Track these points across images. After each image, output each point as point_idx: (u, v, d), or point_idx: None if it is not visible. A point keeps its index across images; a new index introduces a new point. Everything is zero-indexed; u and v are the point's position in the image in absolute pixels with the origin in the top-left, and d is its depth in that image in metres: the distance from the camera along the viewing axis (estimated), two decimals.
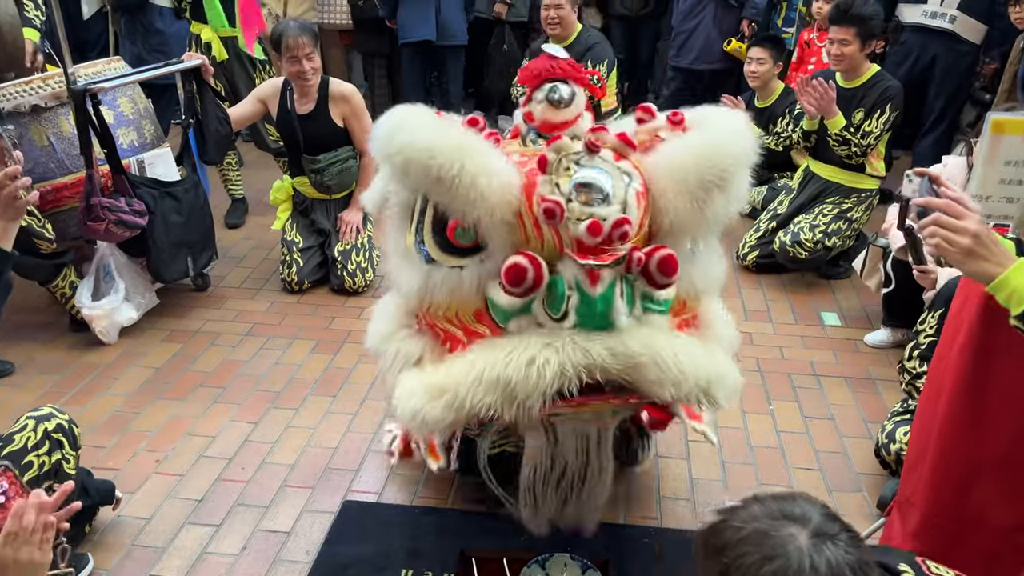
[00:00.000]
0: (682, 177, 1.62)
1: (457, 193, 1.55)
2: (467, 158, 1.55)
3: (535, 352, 1.57)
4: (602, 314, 1.57)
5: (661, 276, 1.59)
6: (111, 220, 3.01)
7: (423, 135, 1.57)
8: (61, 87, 3.05)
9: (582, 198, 1.58)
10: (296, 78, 3.45)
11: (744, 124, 1.72)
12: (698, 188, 1.61)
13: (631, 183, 1.63)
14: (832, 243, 3.64)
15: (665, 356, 1.60)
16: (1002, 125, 1.51)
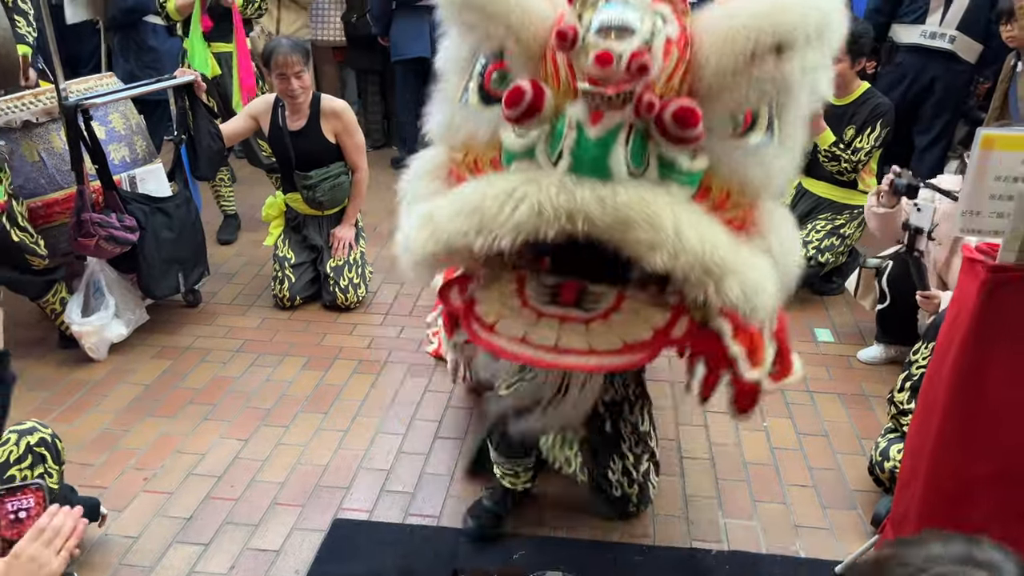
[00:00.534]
0: (730, 35, 1.40)
1: (487, 9, 1.48)
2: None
3: (516, 184, 1.46)
4: (597, 159, 1.42)
5: (676, 127, 1.39)
6: (101, 236, 2.99)
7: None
8: (53, 103, 3.05)
9: (603, 28, 1.41)
10: (285, 95, 3.46)
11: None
12: (746, 49, 1.39)
13: (664, 27, 1.43)
14: (825, 259, 3.65)
15: (663, 218, 1.40)
16: (992, 141, 1.52)
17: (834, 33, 1.49)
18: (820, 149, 3.57)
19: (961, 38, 4.14)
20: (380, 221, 4.42)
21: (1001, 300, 1.56)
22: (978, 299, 1.57)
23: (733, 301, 1.47)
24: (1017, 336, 1.59)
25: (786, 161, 1.61)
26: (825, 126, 3.54)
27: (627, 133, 1.42)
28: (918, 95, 4.29)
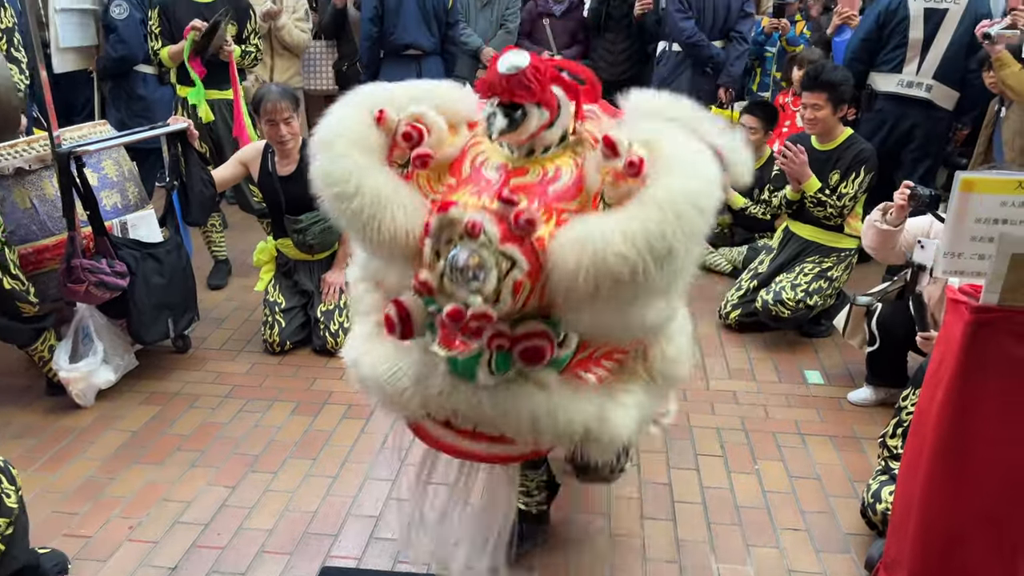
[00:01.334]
0: (573, 277, 1.43)
1: (365, 237, 1.57)
2: (379, 211, 1.53)
3: (408, 384, 1.70)
4: (466, 370, 1.63)
5: (524, 363, 1.58)
6: (91, 282, 2.99)
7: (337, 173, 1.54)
8: (45, 150, 3.07)
9: (452, 279, 1.50)
10: (274, 141, 3.50)
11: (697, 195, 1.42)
12: (591, 291, 1.43)
13: (513, 269, 1.48)
14: (814, 302, 3.67)
15: (521, 419, 1.63)
16: (971, 184, 1.55)
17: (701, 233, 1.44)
18: (806, 195, 3.63)
19: (938, 87, 4.24)
20: None
21: (985, 340, 1.57)
22: (963, 340, 1.59)
23: (596, 456, 1.76)
24: (1002, 376, 1.61)
25: (668, 301, 1.65)
26: (810, 173, 3.60)
27: (489, 355, 1.59)
28: (898, 141, 4.37)
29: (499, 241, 1.47)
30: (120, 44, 4.63)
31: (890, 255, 3.11)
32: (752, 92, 5.26)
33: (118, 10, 4.62)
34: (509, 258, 1.48)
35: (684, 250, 1.40)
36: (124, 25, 4.60)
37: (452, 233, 1.49)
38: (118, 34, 4.63)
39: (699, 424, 3.11)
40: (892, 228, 2.97)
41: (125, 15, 4.60)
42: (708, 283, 4.41)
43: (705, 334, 3.85)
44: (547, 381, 1.65)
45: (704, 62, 4.88)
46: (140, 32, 4.51)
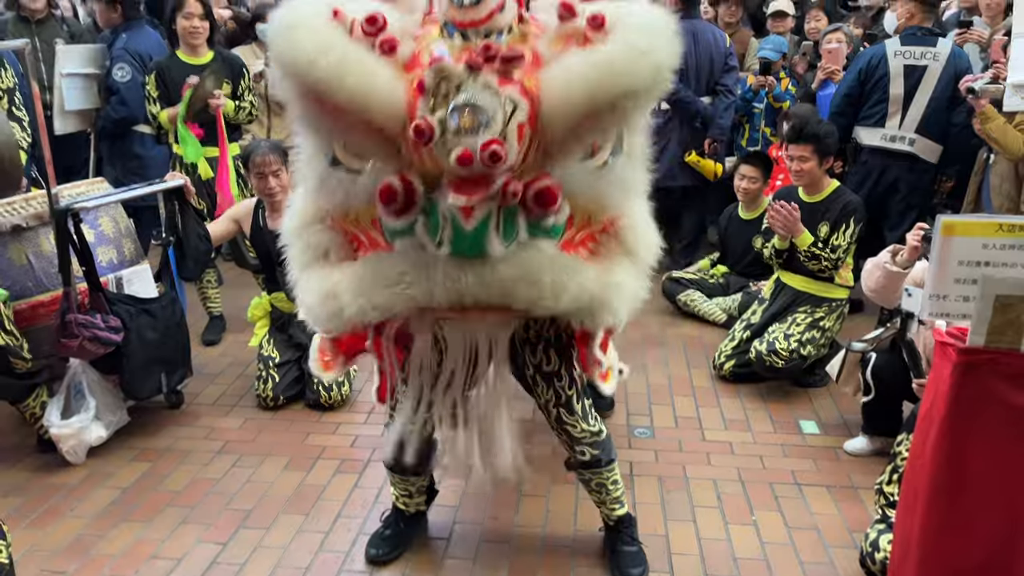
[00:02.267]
0: (570, 101, 1.53)
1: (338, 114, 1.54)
2: (346, 74, 1.50)
3: (406, 268, 1.66)
4: (475, 245, 1.61)
5: (539, 209, 1.60)
6: (85, 337, 2.99)
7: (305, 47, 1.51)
8: (43, 207, 3.10)
9: (457, 123, 1.51)
10: (263, 194, 3.55)
11: (661, 36, 1.59)
12: (587, 116, 1.54)
13: (515, 111, 1.53)
14: (808, 352, 3.68)
15: (542, 278, 1.65)
16: (952, 226, 1.58)
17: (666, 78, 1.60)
18: (800, 250, 3.67)
19: (921, 140, 4.32)
20: None
21: (974, 382, 1.58)
22: (951, 382, 1.60)
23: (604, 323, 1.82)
24: (992, 418, 1.62)
25: (636, 171, 1.85)
26: (803, 228, 3.65)
27: (496, 217, 1.60)
28: (885, 193, 4.43)
29: (497, 83, 1.52)
30: (121, 106, 4.72)
31: (892, 299, 3.11)
32: (741, 147, 5.35)
33: (120, 72, 4.71)
34: (510, 100, 1.53)
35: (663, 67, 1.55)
36: (126, 87, 4.69)
37: (449, 86, 1.52)
38: (120, 96, 4.72)
39: (695, 475, 3.08)
40: (902, 270, 2.96)
41: (128, 78, 4.69)
42: (701, 333, 4.42)
43: (700, 386, 3.85)
44: (550, 248, 1.69)
45: (692, 117, 4.97)
46: (141, 94, 4.60)
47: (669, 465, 3.15)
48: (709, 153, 5.06)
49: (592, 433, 2.36)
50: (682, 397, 3.73)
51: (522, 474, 2.06)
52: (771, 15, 5.64)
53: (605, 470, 2.42)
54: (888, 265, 2.99)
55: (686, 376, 3.94)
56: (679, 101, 4.99)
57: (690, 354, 4.19)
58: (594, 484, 2.46)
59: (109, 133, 4.90)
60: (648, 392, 3.75)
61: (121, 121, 4.77)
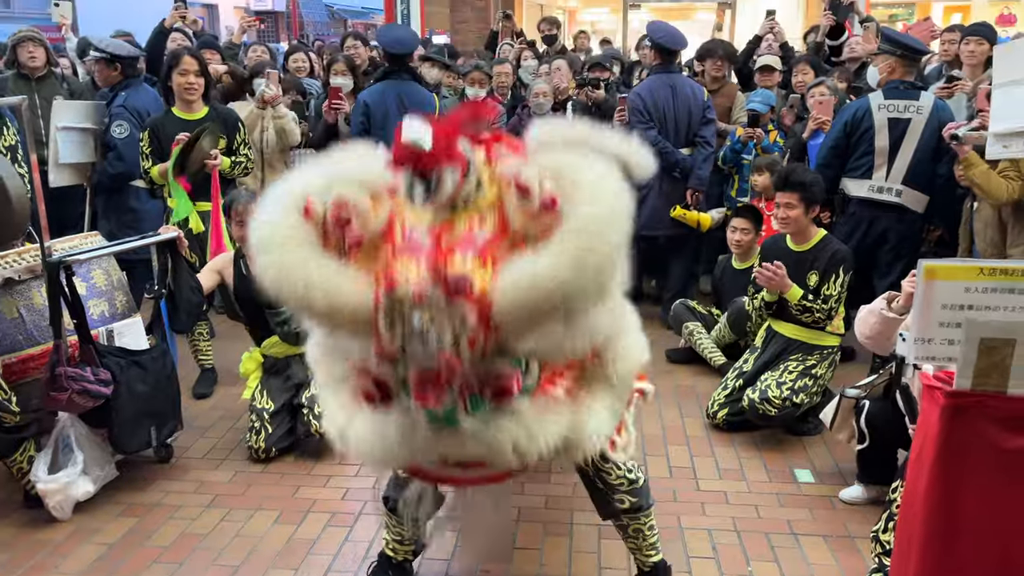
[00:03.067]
0: (522, 312, 1.60)
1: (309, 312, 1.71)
2: (314, 300, 1.64)
3: (394, 441, 1.82)
4: (445, 419, 1.74)
5: (495, 400, 1.73)
6: (75, 390, 2.98)
7: (272, 272, 1.68)
8: (36, 260, 3.12)
9: (413, 348, 1.63)
10: (242, 241, 3.58)
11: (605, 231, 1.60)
12: (541, 319, 1.62)
13: (465, 324, 1.60)
14: (800, 400, 3.68)
15: (504, 444, 1.77)
16: (934, 271, 1.60)
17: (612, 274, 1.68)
18: (791, 304, 3.70)
19: (907, 191, 4.37)
20: None
21: (962, 425, 1.59)
22: (940, 426, 1.60)
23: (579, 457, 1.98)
24: (982, 462, 1.61)
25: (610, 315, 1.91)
26: (791, 284, 3.69)
27: (463, 398, 1.71)
28: (874, 243, 4.47)
29: (445, 302, 1.60)
30: (118, 162, 4.78)
31: (887, 345, 3.12)
32: (731, 198, 5.42)
33: (119, 129, 4.78)
34: (458, 316, 1.61)
35: (610, 262, 1.61)
36: (124, 144, 4.76)
37: (402, 307, 1.61)
38: (117, 152, 4.79)
39: (690, 526, 3.05)
40: (898, 316, 2.98)
41: (126, 135, 4.76)
42: (695, 383, 4.42)
43: (694, 435, 3.83)
44: (520, 409, 1.80)
45: (672, 168, 5.05)
46: (138, 150, 4.67)
47: (664, 516, 3.11)
48: (692, 204, 5.12)
49: (630, 481, 2.43)
50: (676, 446, 3.71)
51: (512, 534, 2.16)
52: (758, 69, 5.77)
53: (643, 515, 2.48)
54: (884, 311, 3.01)
55: (680, 425, 3.93)
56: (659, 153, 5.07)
57: (683, 403, 4.18)
58: (631, 530, 2.50)
59: (105, 188, 4.95)
60: (642, 442, 3.73)
61: (118, 176, 4.82)
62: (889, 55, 4.43)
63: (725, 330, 4.53)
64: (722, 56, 5.74)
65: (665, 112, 5.08)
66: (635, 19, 13.34)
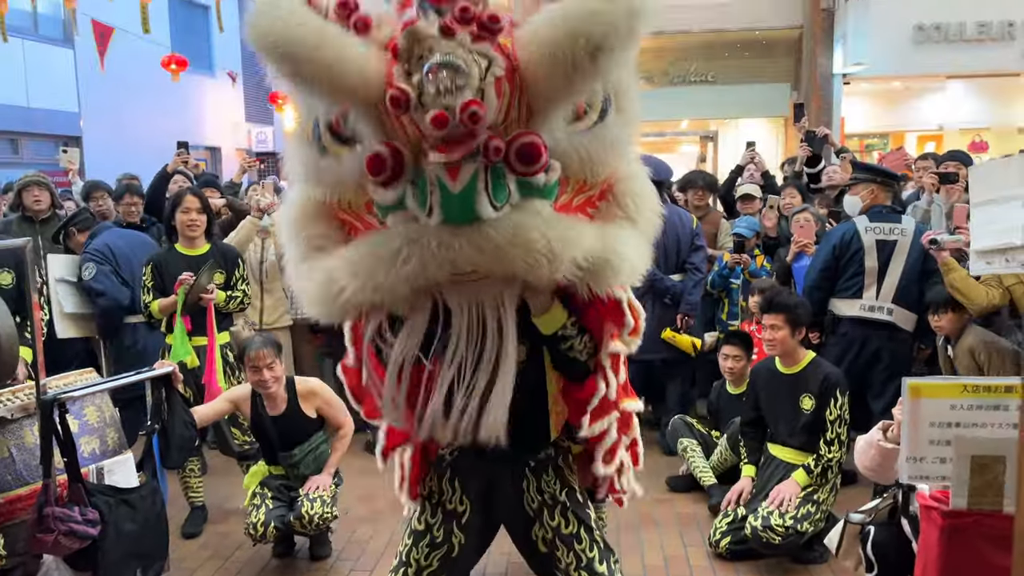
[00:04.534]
0: (550, 52, 1.51)
1: (315, 82, 1.54)
2: (322, 47, 1.51)
3: (400, 244, 1.60)
4: (464, 207, 1.55)
5: (522, 164, 1.55)
6: (61, 531, 2.90)
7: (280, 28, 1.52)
8: (30, 399, 3.11)
9: (433, 86, 1.49)
10: (258, 386, 3.70)
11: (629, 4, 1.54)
12: (568, 64, 1.51)
13: (491, 67, 1.53)
14: (805, 528, 3.60)
15: (535, 242, 1.58)
16: (918, 389, 1.62)
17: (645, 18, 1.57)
18: (805, 486, 3.72)
19: (898, 310, 4.45)
20: (351, 505, 4.34)
21: (961, 546, 1.56)
22: (939, 547, 1.58)
23: (610, 283, 1.74)
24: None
25: (627, 129, 1.80)
26: (796, 486, 3.71)
27: (484, 176, 1.56)
28: (867, 363, 4.50)
29: (471, 42, 1.50)
30: (100, 297, 4.85)
31: (889, 475, 3.08)
32: (722, 321, 5.48)
33: (87, 272, 4.87)
34: (485, 56, 1.51)
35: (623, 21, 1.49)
36: (95, 280, 4.83)
37: (422, 48, 1.51)
38: (94, 290, 4.86)
39: None
40: (896, 446, 2.96)
41: (93, 272, 4.84)
42: (695, 510, 4.32)
43: (697, 564, 3.72)
44: (545, 209, 1.63)
45: (662, 293, 5.13)
46: (111, 279, 4.75)
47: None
48: (682, 328, 5.18)
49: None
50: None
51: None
52: (740, 198, 5.98)
53: None
54: (881, 442, 3.00)
55: (683, 555, 3.82)
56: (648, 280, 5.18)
57: (685, 531, 4.08)
58: None
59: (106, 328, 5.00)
60: (644, 574, 3.62)
61: (108, 311, 4.86)
62: (869, 182, 4.61)
63: (726, 452, 4.47)
64: (703, 186, 5.96)
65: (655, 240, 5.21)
66: None
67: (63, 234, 5.24)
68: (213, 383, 4.21)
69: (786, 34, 11.72)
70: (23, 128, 13.34)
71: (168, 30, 15.96)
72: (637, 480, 2.41)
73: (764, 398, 3.96)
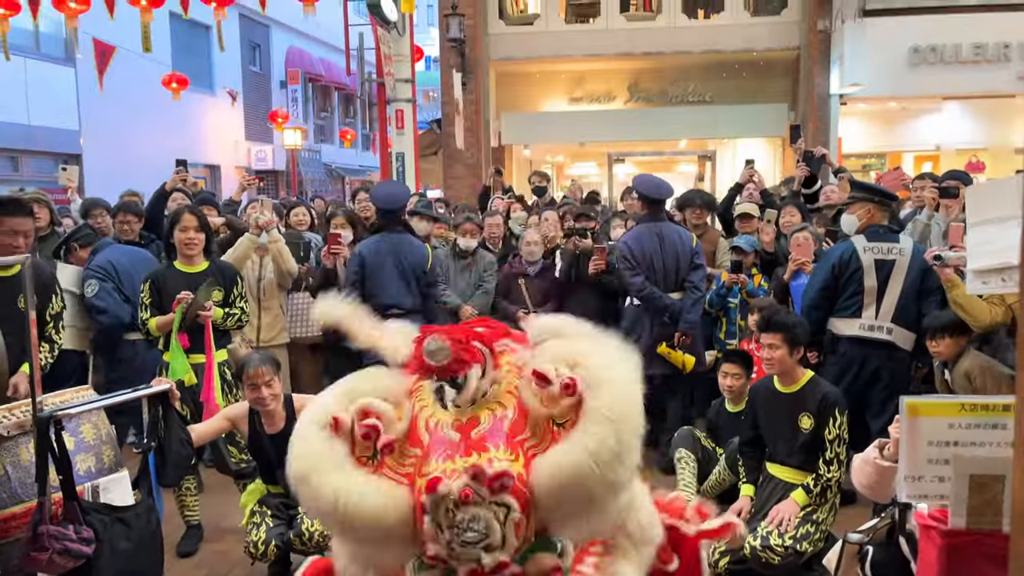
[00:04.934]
0: (552, 500, 1.68)
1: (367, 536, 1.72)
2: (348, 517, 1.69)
3: None
4: None
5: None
6: (56, 549, 2.88)
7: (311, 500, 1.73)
8: (26, 416, 3.10)
9: (460, 546, 1.65)
10: (256, 404, 3.67)
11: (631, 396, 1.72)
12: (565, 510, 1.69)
13: (510, 514, 1.68)
14: (803, 548, 3.59)
15: None
16: (916, 408, 1.62)
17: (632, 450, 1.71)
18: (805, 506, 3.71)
19: (897, 329, 4.45)
20: None
21: (961, 565, 1.56)
22: (938, 566, 1.57)
23: None
24: None
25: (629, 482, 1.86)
26: (795, 507, 3.69)
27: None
28: (867, 383, 4.49)
29: (489, 495, 1.65)
30: (101, 315, 4.85)
31: (886, 493, 3.07)
32: (720, 340, 5.48)
33: (89, 289, 4.89)
34: (503, 505, 1.67)
35: (636, 442, 1.68)
36: (97, 297, 4.84)
37: (448, 504, 1.65)
38: (96, 307, 4.86)
39: None
40: (892, 464, 2.95)
41: (96, 288, 4.86)
42: None
43: None
44: None
45: (660, 312, 5.14)
46: (114, 296, 4.74)
47: None
48: (679, 346, 5.17)
49: None
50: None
51: None
52: (738, 217, 6.00)
53: None
54: (877, 460, 2.99)
55: None
56: (645, 297, 5.18)
57: None
58: None
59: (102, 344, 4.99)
60: None
61: (109, 328, 4.86)
62: (866, 202, 4.62)
63: (724, 472, 4.45)
64: (701, 205, 5.98)
65: (652, 259, 5.22)
66: (620, 172, 13.95)
67: (64, 250, 5.25)
68: (211, 401, 4.20)
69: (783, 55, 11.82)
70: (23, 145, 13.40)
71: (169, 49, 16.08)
72: None
73: (763, 417, 3.95)
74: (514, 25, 12.26)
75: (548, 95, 12.90)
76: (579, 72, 12.62)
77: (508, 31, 12.25)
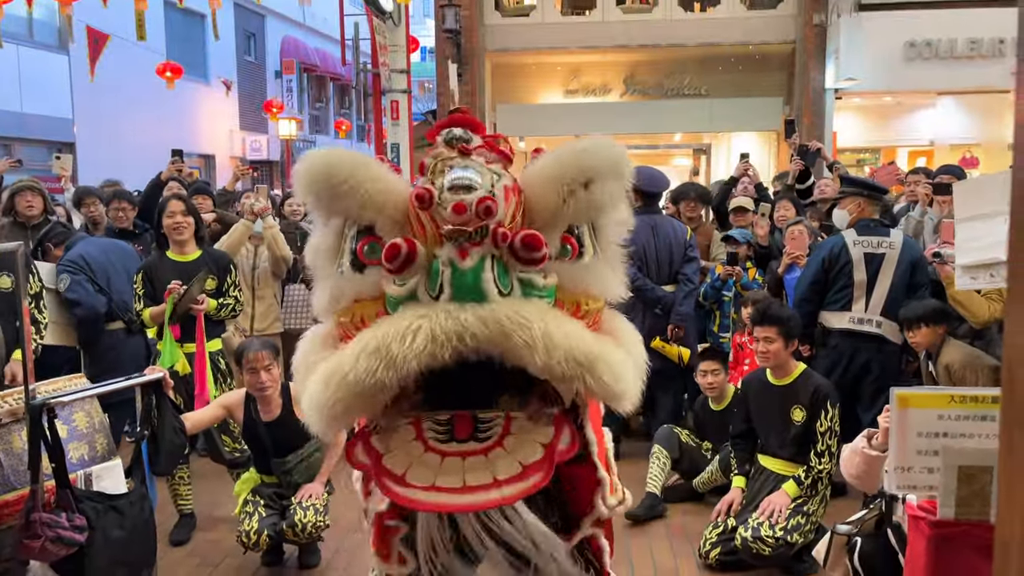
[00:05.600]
0: (549, 177, 1.81)
1: (349, 197, 1.76)
2: (357, 170, 1.77)
3: (410, 319, 1.68)
4: (473, 286, 1.69)
5: (525, 251, 1.70)
6: (48, 537, 2.88)
7: (324, 159, 1.80)
8: (18, 403, 3.10)
9: (452, 192, 1.72)
10: (255, 388, 3.66)
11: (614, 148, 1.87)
12: (562, 186, 1.78)
13: (500, 180, 1.79)
14: (794, 539, 3.61)
15: (534, 323, 1.67)
16: (906, 399, 1.63)
17: (626, 168, 1.89)
18: (795, 497, 3.72)
19: (886, 322, 4.48)
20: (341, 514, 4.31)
21: (949, 556, 1.57)
22: (927, 557, 1.59)
23: (605, 385, 1.74)
24: None
25: (612, 273, 2.02)
26: (786, 498, 3.71)
27: (491, 262, 1.72)
28: (856, 376, 4.52)
29: (484, 162, 1.80)
30: (77, 307, 4.81)
31: (874, 483, 3.09)
32: (713, 333, 5.50)
33: (62, 284, 4.82)
34: (496, 172, 1.80)
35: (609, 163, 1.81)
36: (70, 290, 4.78)
37: (444, 165, 1.77)
38: (70, 300, 4.81)
39: None
40: (880, 454, 2.97)
41: (68, 282, 4.80)
42: (684, 521, 4.32)
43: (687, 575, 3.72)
44: (545, 304, 1.78)
45: (653, 304, 5.15)
46: (86, 287, 4.71)
47: None
48: (672, 339, 5.18)
49: None
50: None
51: None
52: (732, 210, 6.01)
53: None
54: (865, 450, 3.00)
55: (673, 566, 3.82)
56: (637, 289, 5.18)
57: (675, 542, 4.08)
58: None
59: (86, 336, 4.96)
60: None
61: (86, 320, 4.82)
62: (856, 196, 4.64)
63: (716, 474, 4.47)
64: (695, 198, 5.98)
65: (646, 251, 5.23)
66: None
67: (40, 251, 5.19)
68: (204, 391, 4.20)
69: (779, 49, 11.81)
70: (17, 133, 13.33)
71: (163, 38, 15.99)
72: (627, 489, 2.40)
73: (755, 409, 3.97)
74: (510, 16, 12.21)
75: (544, 87, 12.88)
76: (575, 64, 12.59)
77: (504, 22, 12.20)
